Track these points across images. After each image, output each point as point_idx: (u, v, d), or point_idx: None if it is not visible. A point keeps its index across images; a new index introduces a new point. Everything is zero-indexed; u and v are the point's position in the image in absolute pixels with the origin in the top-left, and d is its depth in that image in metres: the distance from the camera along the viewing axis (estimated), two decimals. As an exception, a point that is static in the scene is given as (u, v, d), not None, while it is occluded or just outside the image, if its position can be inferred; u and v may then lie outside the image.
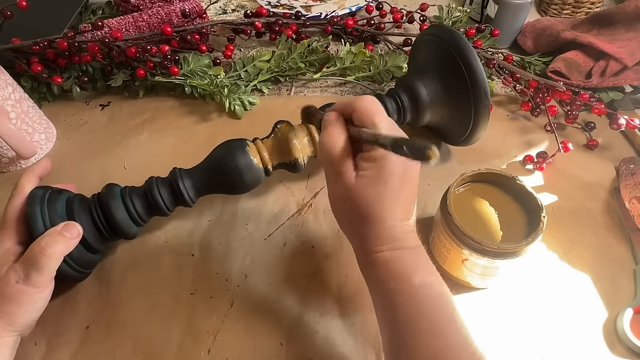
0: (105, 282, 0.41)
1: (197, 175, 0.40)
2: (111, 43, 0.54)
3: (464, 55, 0.42)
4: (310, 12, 0.70)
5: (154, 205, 0.39)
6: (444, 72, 0.44)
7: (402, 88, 0.46)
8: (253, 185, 0.42)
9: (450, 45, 0.43)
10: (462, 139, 0.47)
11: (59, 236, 0.33)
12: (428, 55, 0.47)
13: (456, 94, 0.43)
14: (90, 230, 0.37)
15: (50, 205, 0.35)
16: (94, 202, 0.38)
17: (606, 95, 0.56)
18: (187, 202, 0.40)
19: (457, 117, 0.45)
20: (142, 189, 0.39)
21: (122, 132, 0.55)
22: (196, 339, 0.37)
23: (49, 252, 0.32)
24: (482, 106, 0.42)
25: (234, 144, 0.41)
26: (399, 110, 0.46)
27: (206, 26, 0.62)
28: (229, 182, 0.40)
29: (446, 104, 0.45)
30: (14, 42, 0.53)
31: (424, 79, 0.45)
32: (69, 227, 0.34)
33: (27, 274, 0.32)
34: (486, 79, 0.41)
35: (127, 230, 0.38)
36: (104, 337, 0.37)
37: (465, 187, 0.39)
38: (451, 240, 0.36)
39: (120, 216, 0.37)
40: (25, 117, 0.49)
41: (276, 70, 0.60)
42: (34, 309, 0.33)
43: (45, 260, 0.32)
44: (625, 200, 0.44)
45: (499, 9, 0.63)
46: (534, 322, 0.38)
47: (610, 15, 0.61)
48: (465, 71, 0.42)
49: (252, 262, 0.42)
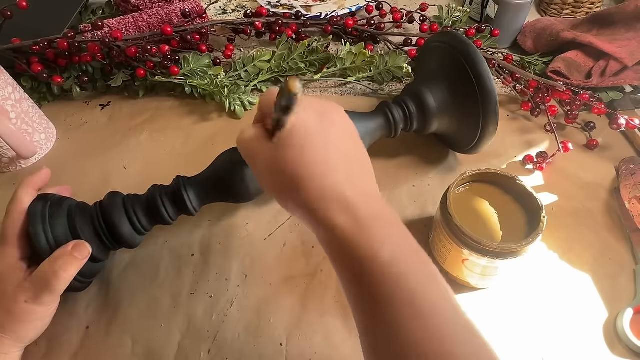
0: (105, 282, 0.41)
1: (200, 185, 0.39)
2: (111, 43, 0.54)
3: (473, 64, 0.41)
4: (310, 12, 0.70)
5: (157, 216, 0.38)
6: (452, 80, 0.44)
7: (409, 95, 0.45)
8: (257, 194, 0.41)
9: (459, 53, 0.42)
10: (469, 147, 0.46)
11: (71, 258, 0.33)
12: (436, 63, 0.46)
13: (464, 102, 0.43)
14: (94, 242, 0.36)
15: (52, 222, 0.35)
16: (97, 213, 0.37)
17: (606, 95, 0.56)
18: (190, 212, 0.39)
19: (465, 126, 0.45)
20: (144, 199, 0.38)
21: (122, 132, 0.55)
22: (196, 339, 0.37)
23: (62, 276, 0.32)
24: (491, 116, 0.41)
25: (238, 152, 0.40)
26: (405, 118, 0.45)
27: (206, 26, 0.62)
28: (234, 192, 0.40)
29: (454, 113, 0.45)
30: (14, 42, 0.53)
31: (432, 86, 0.45)
32: (78, 247, 0.34)
33: (37, 295, 0.32)
34: (496, 91, 0.41)
35: (131, 241, 0.38)
36: (104, 337, 0.37)
37: (465, 187, 0.39)
38: (451, 240, 0.36)
39: (124, 230, 0.37)
40: (26, 117, 0.49)
41: (276, 70, 0.60)
42: (40, 326, 0.34)
43: (57, 283, 0.32)
44: (625, 200, 0.44)
45: (499, 9, 0.63)
46: (534, 322, 0.38)
47: (610, 15, 0.61)
48: (474, 80, 0.41)
49: (252, 262, 0.42)
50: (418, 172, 0.50)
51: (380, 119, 0.45)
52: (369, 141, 0.45)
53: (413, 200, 0.47)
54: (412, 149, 0.52)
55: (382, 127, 0.45)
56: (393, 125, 0.45)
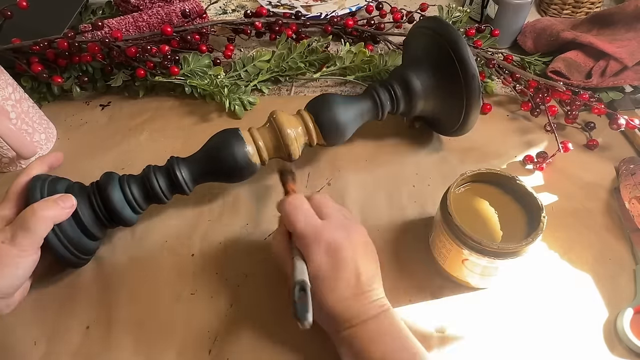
0: (105, 282, 0.41)
1: (193, 163, 0.41)
2: (111, 43, 0.54)
3: (453, 44, 0.42)
4: (310, 12, 0.70)
5: (151, 192, 0.39)
6: (436, 62, 0.45)
7: (395, 78, 0.47)
8: (249, 174, 0.42)
9: (441, 36, 0.44)
10: (454, 128, 0.48)
11: (52, 203, 0.34)
12: (421, 47, 0.48)
13: (448, 83, 0.44)
14: (89, 215, 0.37)
15: (51, 185, 0.37)
16: (93, 190, 0.38)
17: (606, 95, 0.56)
18: (184, 190, 0.41)
19: (450, 107, 0.46)
20: (139, 176, 0.40)
21: (122, 132, 0.55)
22: (196, 339, 0.37)
23: (38, 215, 0.32)
24: (473, 95, 0.43)
25: (229, 133, 0.41)
26: (392, 100, 0.46)
27: (206, 26, 0.62)
28: (225, 170, 0.41)
29: (439, 94, 0.46)
30: (14, 42, 0.53)
31: (417, 69, 0.46)
32: (63, 197, 0.35)
33: (14, 235, 0.32)
34: (476, 67, 0.42)
35: (124, 215, 0.39)
36: (104, 337, 0.37)
37: (465, 187, 0.39)
38: (451, 240, 0.36)
39: (117, 200, 0.38)
40: (26, 117, 0.49)
41: (276, 70, 0.60)
42: (14, 274, 0.32)
43: (33, 221, 0.32)
44: (625, 200, 0.44)
45: (499, 9, 0.63)
46: (534, 322, 0.38)
47: (610, 15, 0.61)
48: (455, 60, 0.42)
49: (252, 262, 0.42)
50: (418, 172, 0.50)
51: (368, 102, 0.46)
52: (357, 123, 0.46)
53: (413, 200, 0.47)
54: (413, 150, 0.52)
55: (369, 110, 0.46)
56: (380, 108, 0.46)
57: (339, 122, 0.44)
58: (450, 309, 0.39)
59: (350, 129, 0.45)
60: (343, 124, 0.44)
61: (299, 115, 0.44)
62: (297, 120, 0.43)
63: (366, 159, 0.51)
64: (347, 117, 0.44)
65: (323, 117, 0.43)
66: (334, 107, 0.44)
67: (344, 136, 0.45)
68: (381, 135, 0.53)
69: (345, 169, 0.50)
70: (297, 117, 0.44)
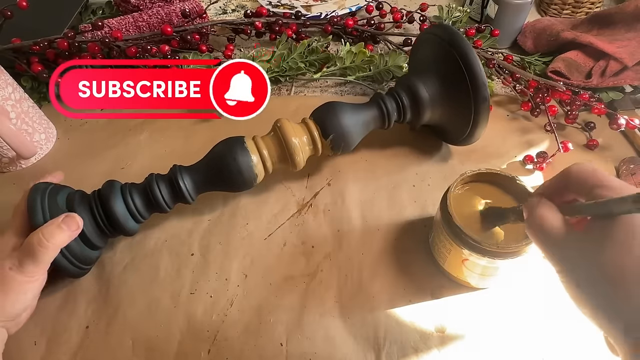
0: (105, 282, 0.41)
1: (196, 173, 0.41)
2: (111, 43, 0.54)
3: (463, 54, 0.42)
4: (310, 12, 0.70)
5: (154, 202, 0.39)
6: (443, 71, 0.44)
7: (402, 87, 0.46)
8: (252, 183, 0.42)
9: (449, 44, 0.43)
10: (462, 138, 0.47)
11: (58, 228, 0.33)
12: (428, 55, 0.47)
13: (456, 93, 0.44)
14: (90, 225, 0.37)
15: (51, 198, 0.36)
16: (94, 198, 0.38)
17: (606, 95, 0.56)
18: (186, 199, 0.40)
19: (457, 116, 0.45)
20: (142, 185, 0.40)
21: (122, 132, 0.55)
22: (196, 339, 0.37)
23: (45, 244, 0.32)
24: (482, 105, 0.42)
25: (234, 141, 0.41)
26: (399, 109, 0.46)
27: (206, 26, 0.62)
28: (229, 179, 0.40)
29: (446, 103, 0.46)
30: (14, 42, 0.53)
31: (424, 78, 0.45)
32: (68, 219, 0.34)
33: (21, 262, 0.32)
34: (485, 77, 0.42)
35: (126, 225, 0.38)
36: (104, 337, 0.37)
37: (465, 187, 0.39)
38: (451, 240, 0.36)
39: (119, 212, 0.38)
40: (26, 117, 0.49)
41: (276, 70, 0.60)
42: (22, 299, 0.33)
43: (42, 251, 0.32)
44: (625, 200, 0.44)
45: (499, 9, 0.63)
46: (534, 322, 0.38)
47: (610, 16, 0.61)
48: (464, 70, 0.42)
49: (252, 262, 0.42)
50: (418, 172, 0.50)
51: (374, 110, 0.45)
52: (363, 132, 0.45)
53: (413, 200, 0.47)
54: (413, 150, 0.52)
55: (375, 119, 0.46)
56: (386, 117, 0.46)
57: (345, 131, 0.43)
58: (450, 309, 0.39)
59: (355, 139, 0.45)
60: (349, 133, 0.43)
61: (304, 124, 0.43)
62: (302, 129, 0.43)
63: (366, 159, 0.51)
64: (353, 126, 0.43)
65: (329, 126, 0.43)
66: (340, 116, 0.43)
67: (350, 146, 0.44)
68: (381, 135, 0.53)
69: (345, 169, 0.50)
70: (302, 125, 0.43)
